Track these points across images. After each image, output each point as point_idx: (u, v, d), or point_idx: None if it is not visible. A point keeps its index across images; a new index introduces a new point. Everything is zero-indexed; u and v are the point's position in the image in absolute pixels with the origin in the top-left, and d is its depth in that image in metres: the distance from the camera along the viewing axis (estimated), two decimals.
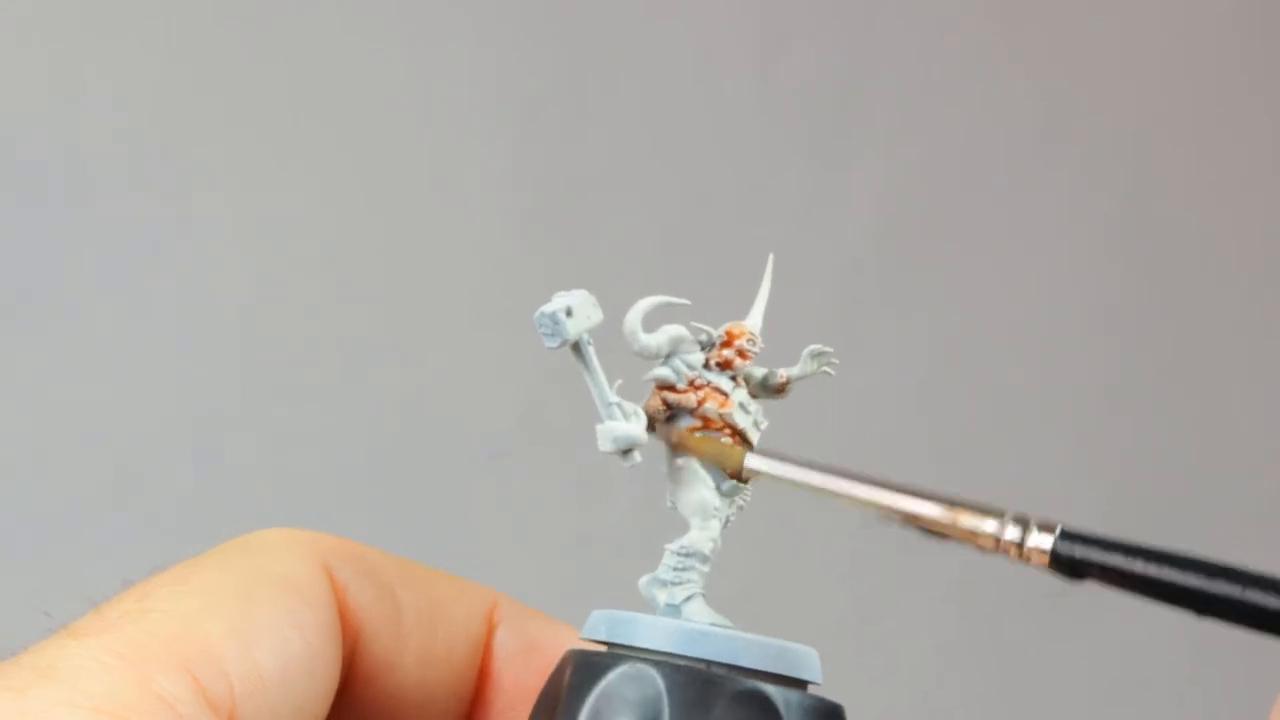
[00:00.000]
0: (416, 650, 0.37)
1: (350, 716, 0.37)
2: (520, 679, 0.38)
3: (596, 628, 0.36)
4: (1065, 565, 0.32)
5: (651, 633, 0.35)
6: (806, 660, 0.35)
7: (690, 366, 0.37)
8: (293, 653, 0.34)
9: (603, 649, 0.35)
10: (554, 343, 0.35)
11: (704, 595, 0.36)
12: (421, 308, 0.95)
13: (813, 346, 0.38)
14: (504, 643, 0.38)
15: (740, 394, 0.37)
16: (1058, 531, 0.32)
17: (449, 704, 0.38)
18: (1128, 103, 1.09)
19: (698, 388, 0.37)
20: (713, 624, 0.35)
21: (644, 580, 0.37)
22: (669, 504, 0.37)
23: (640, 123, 0.99)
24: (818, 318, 1.00)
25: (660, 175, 1.00)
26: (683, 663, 0.34)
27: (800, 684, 0.35)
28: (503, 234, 0.96)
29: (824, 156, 1.03)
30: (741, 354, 0.37)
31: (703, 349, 0.37)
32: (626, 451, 0.36)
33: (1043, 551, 0.32)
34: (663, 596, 0.36)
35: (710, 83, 1.01)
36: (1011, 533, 0.32)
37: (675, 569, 0.36)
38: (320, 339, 0.93)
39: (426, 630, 0.37)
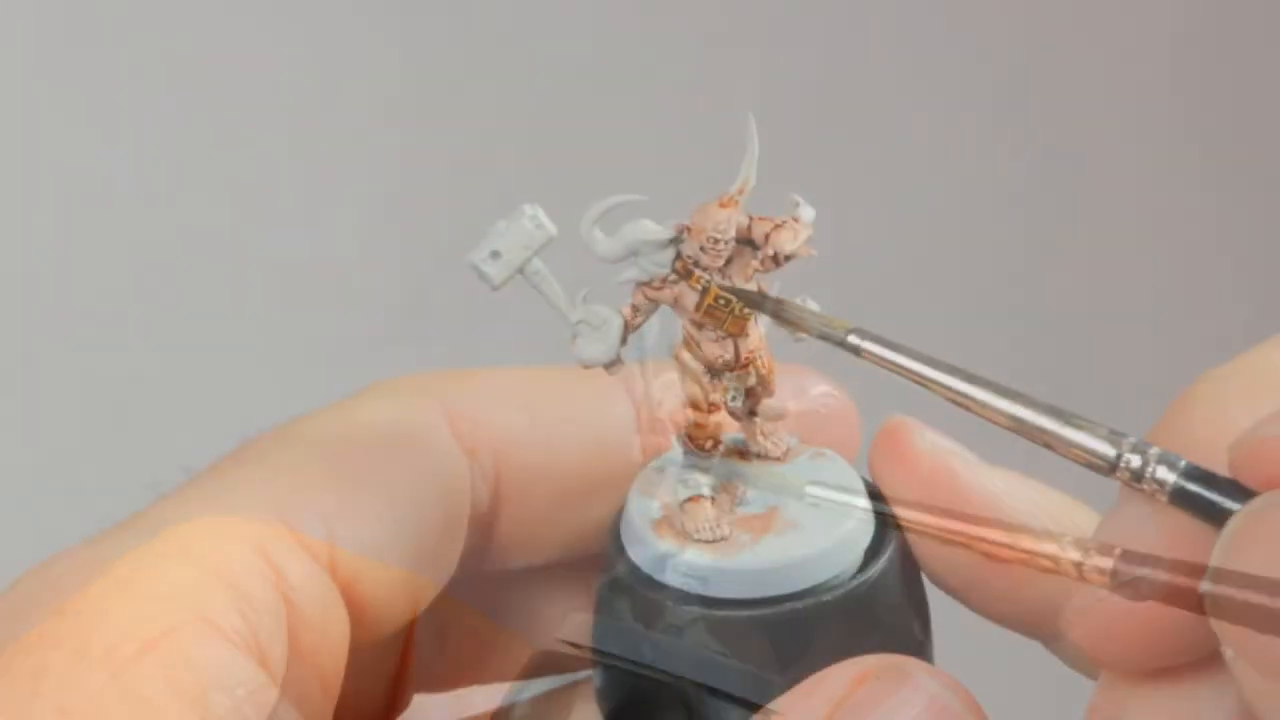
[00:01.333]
0: (342, 632, 0.37)
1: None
2: (433, 660, 0.38)
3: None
4: (1125, 586, 0.32)
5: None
6: None
7: (659, 265, 0.35)
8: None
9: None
10: (492, 285, 0.35)
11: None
12: (421, 308, 0.95)
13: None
14: (424, 625, 0.38)
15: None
16: (1117, 552, 0.32)
17: (374, 684, 0.38)
18: None
19: (666, 286, 0.36)
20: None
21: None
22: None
23: (641, 123, 0.99)
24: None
25: (661, 175, 0.99)
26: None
27: None
28: None
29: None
30: (705, 251, 0.35)
31: (672, 244, 0.36)
32: (609, 364, 0.36)
33: (1102, 571, 0.32)
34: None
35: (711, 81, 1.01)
36: (1072, 554, 0.32)
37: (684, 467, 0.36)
38: (320, 339, 0.93)
39: (346, 612, 0.37)
